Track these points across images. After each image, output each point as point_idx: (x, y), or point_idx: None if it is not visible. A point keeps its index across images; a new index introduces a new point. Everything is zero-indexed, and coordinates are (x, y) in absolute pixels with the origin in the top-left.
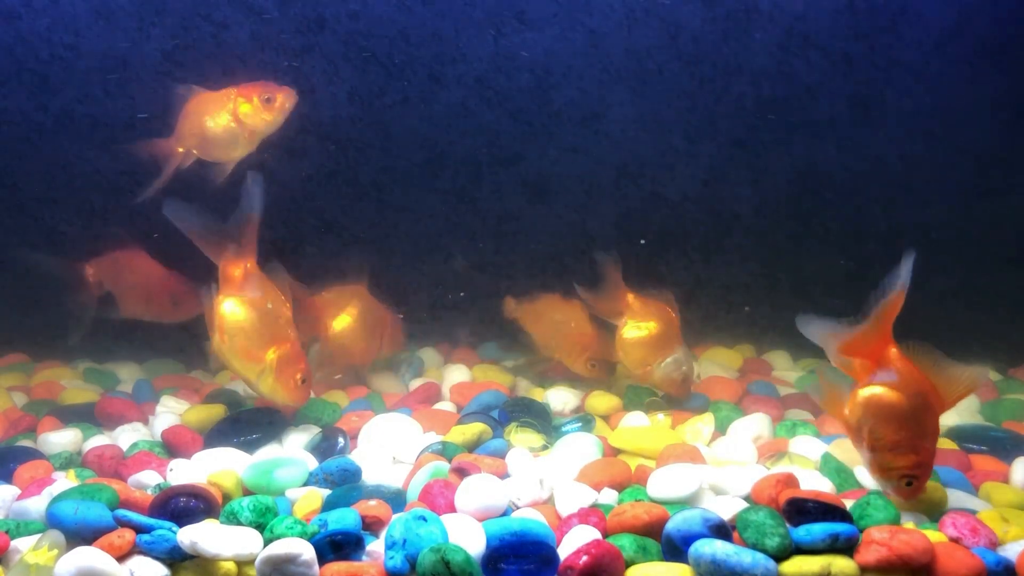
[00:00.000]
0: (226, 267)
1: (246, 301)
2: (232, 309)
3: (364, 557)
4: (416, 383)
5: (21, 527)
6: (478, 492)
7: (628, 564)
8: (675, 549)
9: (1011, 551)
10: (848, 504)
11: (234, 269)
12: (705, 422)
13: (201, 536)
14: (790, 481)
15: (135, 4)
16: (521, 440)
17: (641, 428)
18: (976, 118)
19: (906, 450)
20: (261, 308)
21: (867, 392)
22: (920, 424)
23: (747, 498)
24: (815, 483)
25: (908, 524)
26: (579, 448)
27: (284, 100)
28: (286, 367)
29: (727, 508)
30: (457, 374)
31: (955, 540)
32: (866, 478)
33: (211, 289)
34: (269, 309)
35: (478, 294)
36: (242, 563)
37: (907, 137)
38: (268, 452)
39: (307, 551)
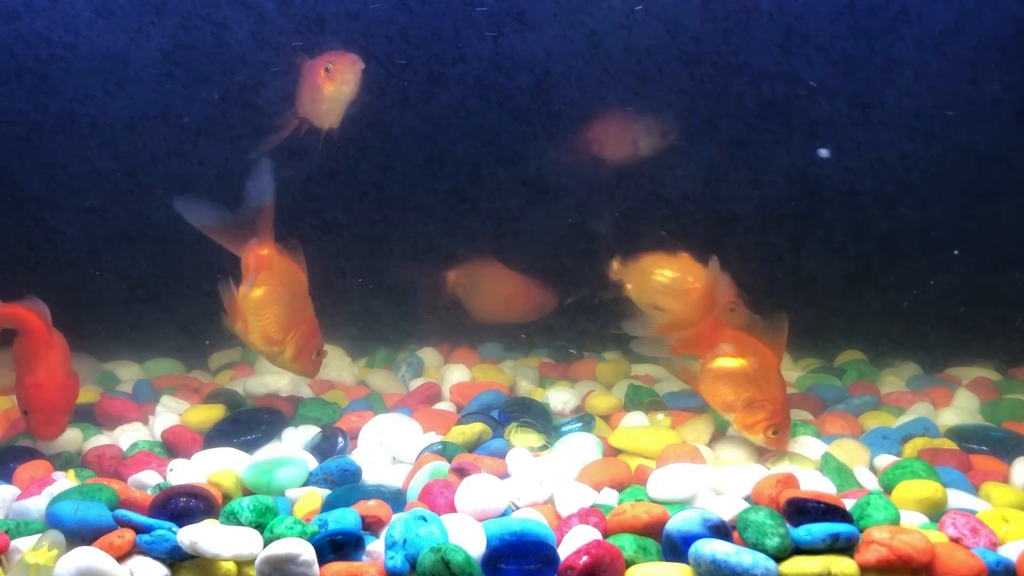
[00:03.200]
0: (246, 257)
1: (265, 290)
2: (252, 298)
3: (364, 557)
4: (416, 383)
5: (21, 527)
6: (478, 492)
7: (628, 564)
8: (675, 549)
9: (1011, 551)
10: (848, 504)
11: (252, 258)
12: (705, 422)
13: (201, 536)
14: (790, 481)
15: (135, 4)
16: (521, 440)
17: (641, 428)
18: (976, 118)
19: (760, 405)
20: (280, 294)
21: (712, 366)
22: (765, 380)
23: (747, 498)
24: (815, 483)
25: (908, 524)
26: (579, 448)
27: (343, 70)
28: (304, 347)
29: (727, 508)
30: (457, 374)
31: (955, 540)
32: (866, 478)
33: (228, 279)
34: (287, 292)
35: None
36: (242, 563)
37: (907, 137)
38: (268, 452)
39: (307, 551)
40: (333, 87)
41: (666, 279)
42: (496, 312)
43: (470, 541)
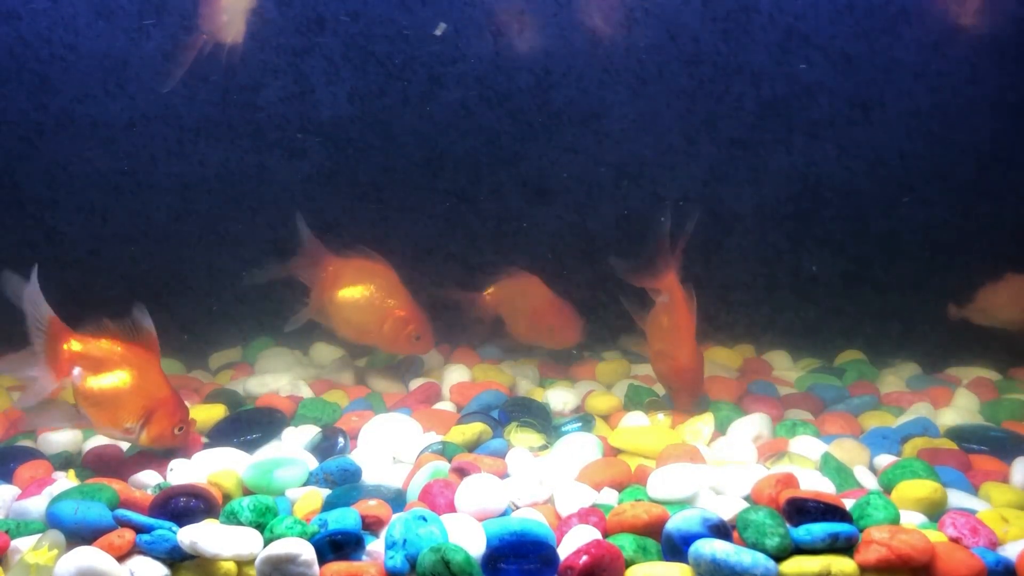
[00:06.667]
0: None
1: (353, 290)
2: (339, 300)
3: (364, 557)
4: (416, 383)
5: (21, 527)
6: (478, 492)
7: (628, 564)
8: (675, 549)
9: (1011, 551)
10: (848, 504)
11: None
12: (705, 422)
13: (201, 536)
14: (790, 481)
15: (135, 4)
16: (521, 440)
17: (641, 428)
18: (976, 118)
19: (666, 356)
20: (368, 293)
21: (651, 312)
22: (674, 333)
23: (747, 498)
24: (815, 483)
25: (908, 524)
26: (579, 448)
27: None
28: (398, 330)
29: (727, 508)
30: (457, 374)
31: (955, 540)
32: (865, 478)
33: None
34: (376, 290)
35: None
36: (242, 563)
37: (907, 137)
38: (268, 452)
39: (307, 551)
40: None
41: None
42: (534, 336)
43: (470, 541)
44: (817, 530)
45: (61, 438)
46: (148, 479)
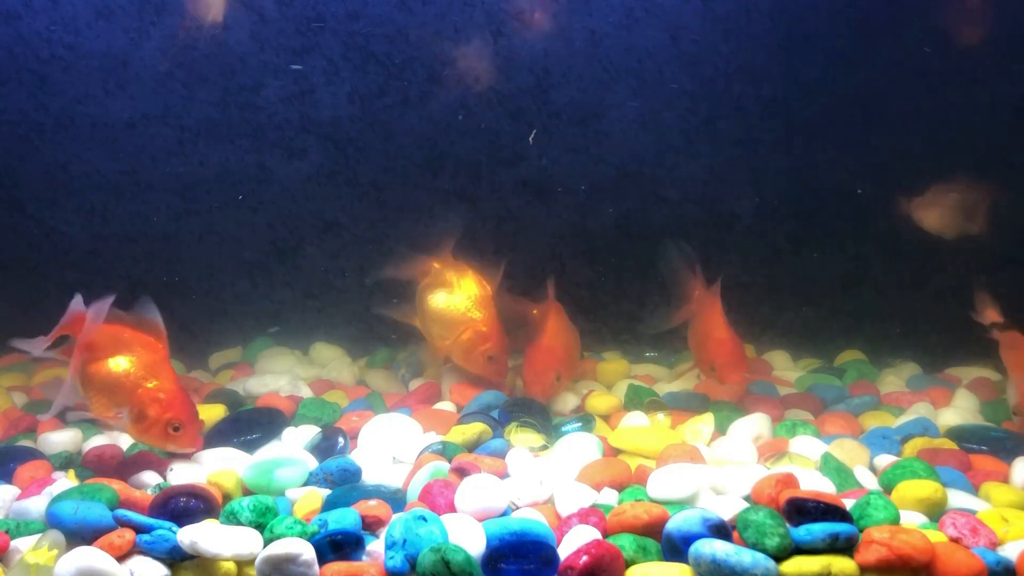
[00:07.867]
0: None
1: (436, 295)
2: (429, 298)
3: (364, 557)
4: (416, 383)
5: (21, 527)
6: (478, 492)
7: (628, 564)
8: (675, 549)
9: (1011, 551)
10: (848, 504)
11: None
12: (705, 422)
13: (201, 536)
14: (790, 481)
15: (135, 4)
16: (521, 440)
17: (641, 428)
18: (976, 118)
19: (705, 339)
20: (457, 299)
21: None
22: (710, 324)
23: (747, 498)
24: (815, 483)
25: (908, 524)
26: (579, 448)
27: None
28: (473, 345)
29: (727, 508)
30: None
31: (955, 540)
32: (865, 478)
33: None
34: (465, 299)
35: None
36: (242, 563)
37: (907, 137)
38: (268, 452)
39: (307, 551)
40: None
41: None
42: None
43: (470, 541)
44: (817, 530)
45: (61, 438)
46: (148, 479)
